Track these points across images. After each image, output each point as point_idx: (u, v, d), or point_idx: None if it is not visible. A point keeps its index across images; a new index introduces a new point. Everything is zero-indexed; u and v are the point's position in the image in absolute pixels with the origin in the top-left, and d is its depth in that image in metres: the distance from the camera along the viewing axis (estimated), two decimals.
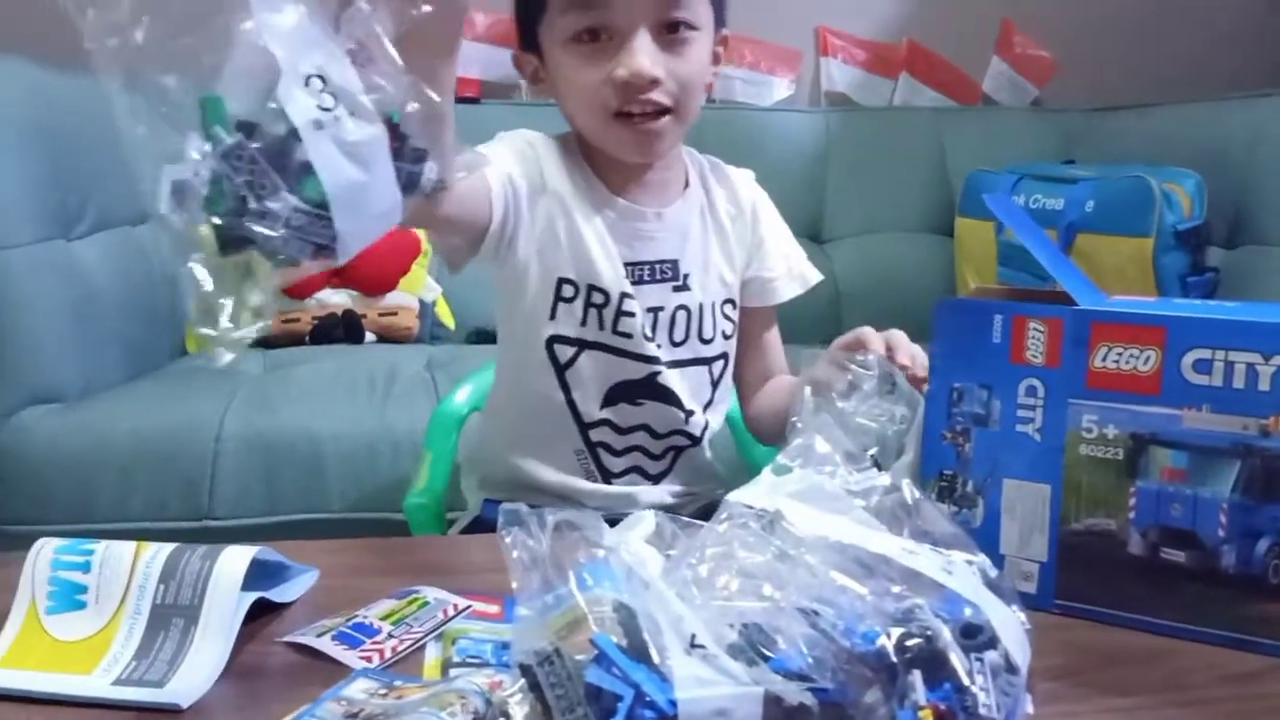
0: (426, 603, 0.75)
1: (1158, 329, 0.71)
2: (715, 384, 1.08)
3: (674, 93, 0.96)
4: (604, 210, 1.01)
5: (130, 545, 0.72)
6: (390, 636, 0.71)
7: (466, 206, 0.93)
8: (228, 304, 0.65)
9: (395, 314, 2.10)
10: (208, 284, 0.62)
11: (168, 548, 0.72)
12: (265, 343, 2.06)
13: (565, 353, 1.01)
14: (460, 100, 2.36)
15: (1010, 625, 0.54)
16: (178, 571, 0.70)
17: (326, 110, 0.59)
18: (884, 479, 0.63)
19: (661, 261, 1.03)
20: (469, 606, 0.75)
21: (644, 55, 0.93)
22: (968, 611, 0.54)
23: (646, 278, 1.02)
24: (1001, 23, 2.80)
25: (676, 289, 1.03)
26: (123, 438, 1.59)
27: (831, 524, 0.58)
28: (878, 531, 0.58)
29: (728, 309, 1.07)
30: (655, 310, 1.02)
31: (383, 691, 0.63)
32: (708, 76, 1.00)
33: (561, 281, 1.00)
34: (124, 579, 0.71)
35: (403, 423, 1.60)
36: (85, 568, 0.71)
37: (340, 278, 2.08)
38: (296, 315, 2.06)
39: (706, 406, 1.07)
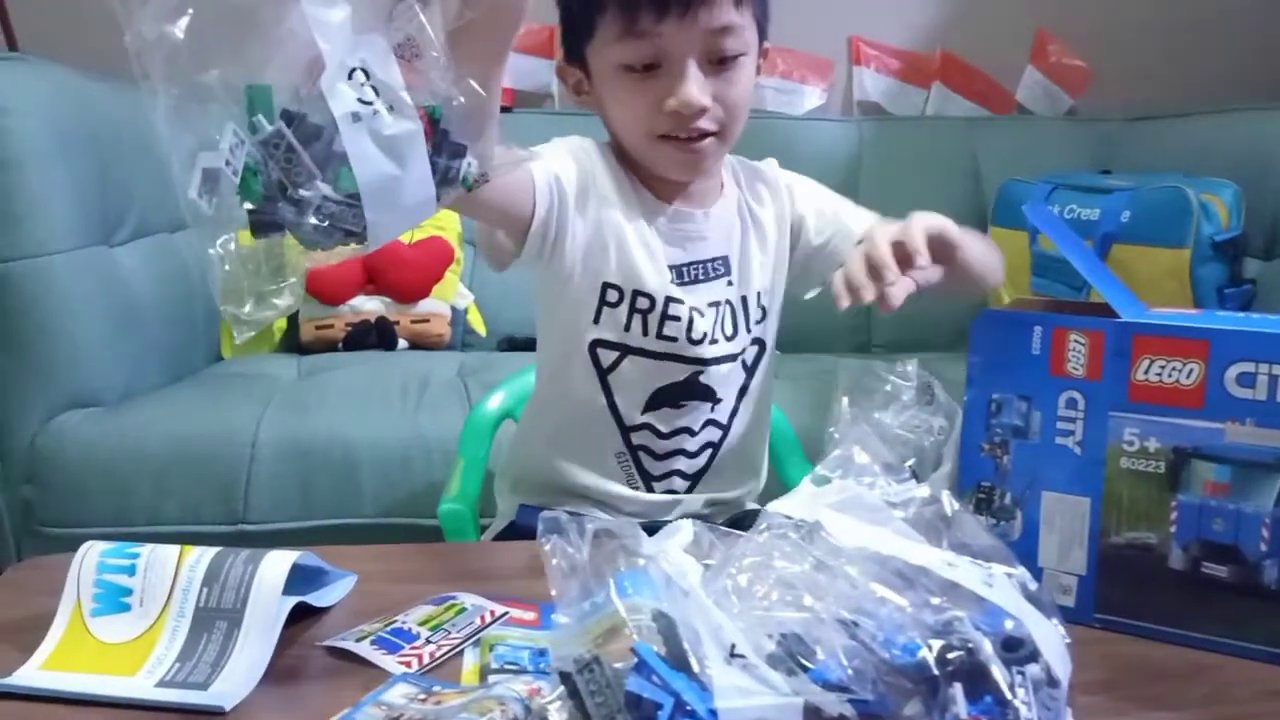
0: (464, 609, 0.76)
1: (1201, 342, 0.71)
2: (750, 370, 1.08)
3: (720, 117, 0.98)
4: (652, 215, 1.03)
5: (174, 549, 0.73)
6: (428, 642, 0.71)
7: (508, 196, 0.94)
8: (256, 285, 0.66)
9: (428, 321, 2.11)
10: (235, 265, 0.63)
11: (211, 551, 0.73)
12: (299, 349, 2.09)
13: (608, 357, 1.02)
14: None
15: (1051, 638, 0.54)
16: (221, 575, 0.71)
17: (366, 104, 0.60)
18: (923, 490, 0.63)
19: (714, 259, 1.05)
20: (506, 613, 0.76)
21: (694, 86, 0.95)
22: (1008, 624, 0.53)
23: (702, 276, 1.04)
24: (1036, 32, 2.78)
25: (730, 284, 1.05)
26: (160, 442, 1.61)
27: (871, 535, 0.58)
28: (917, 543, 0.58)
29: (763, 298, 1.08)
30: (715, 304, 1.04)
31: (422, 697, 0.63)
32: (752, 94, 1.01)
33: (606, 286, 1.01)
34: (168, 582, 0.72)
35: (435, 429, 1.61)
36: (130, 570, 0.72)
37: (374, 284, 2.09)
38: (330, 321, 2.08)
39: (741, 394, 1.08)
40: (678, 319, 1.01)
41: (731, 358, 1.05)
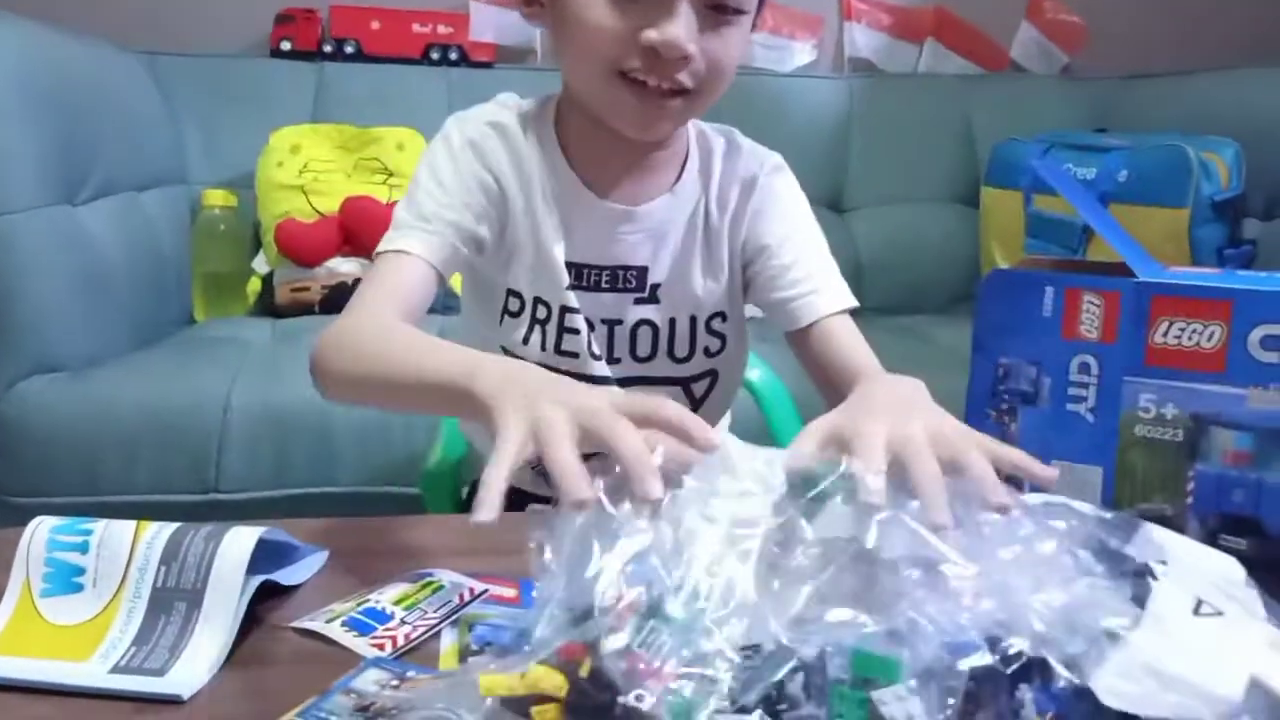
0: (441, 586, 0.71)
1: (1224, 303, 0.67)
2: (699, 403, 0.96)
3: (700, 74, 0.82)
4: (570, 204, 0.89)
5: (130, 525, 0.68)
6: (403, 623, 0.67)
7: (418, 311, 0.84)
8: None
9: None
10: None
11: (170, 527, 0.68)
12: (274, 312, 2.03)
13: None
14: (474, 65, 2.30)
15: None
16: (180, 552, 0.66)
17: None
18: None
19: (625, 268, 0.91)
20: (485, 590, 0.71)
21: (682, 25, 0.78)
22: None
23: (605, 284, 0.91)
24: None
25: (639, 301, 0.92)
26: (128, 409, 1.55)
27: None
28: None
29: (715, 323, 0.94)
30: (611, 323, 0.92)
31: (394, 683, 0.59)
32: (738, 61, 0.85)
33: (509, 293, 0.92)
34: (123, 560, 0.67)
35: None
36: (83, 548, 0.67)
37: (350, 246, 2.03)
38: (306, 284, 2.02)
39: None
40: (576, 332, 0.91)
41: (647, 381, 0.94)
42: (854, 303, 0.92)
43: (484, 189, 0.88)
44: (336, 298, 1.99)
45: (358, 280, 2.04)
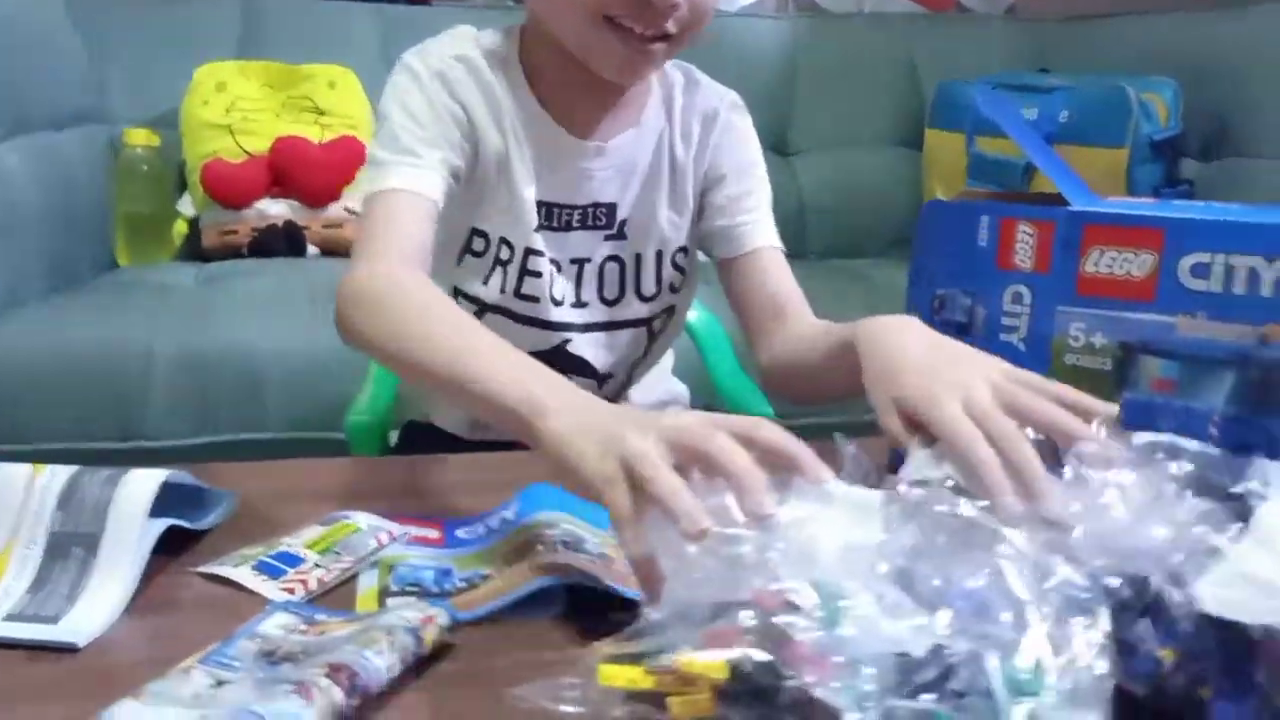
0: (358, 529, 0.69)
1: (1155, 231, 0.66)
2: (653, 338, 0.96)
3: (685, 20, 0.81)
4: (542, 143, 0.87)
5: (26, 468, 0.65)
6: (317, 566, 0.64)
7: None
8: None
9: (340, 226, 1.99)
10: None
11: (68, 470, 0.64)
12: (202, 256, 1.96)
13: (468, 309, 0.89)
14: (410, 2, 2.22)
15: None
16: (77, 496, 0.63)
17: None
18: None
19: (595, 205, 0.89)
20: (406, 533, 0.69)
21: None
22: None
23: (575, 224, 0.89)
24: None
25: (609, 237, 0.91)
26: (46, 354, 1.49)
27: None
28: None
29: (679, 258, 0.94)
30: (580, 262, 0.90)
31: (303, 627, 0.56)
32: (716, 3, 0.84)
33: (474, 232, 0.89)
34: (17, 504, 0.63)
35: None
36: None
37: (280, 187, 1.96)
38: (234, 227, 1.95)
39: (636, 364, 0.97)
40: (538, 274, 0.89)
41: (611, 326, 0.93)
42: (782, 248, 0.94)
43: (456, 122, 0.85)
44: (266, 241, 1.93)
45: (289, 223, 2.01)
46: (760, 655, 0.39)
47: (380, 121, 0.84)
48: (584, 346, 0.92)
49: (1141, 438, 0.56)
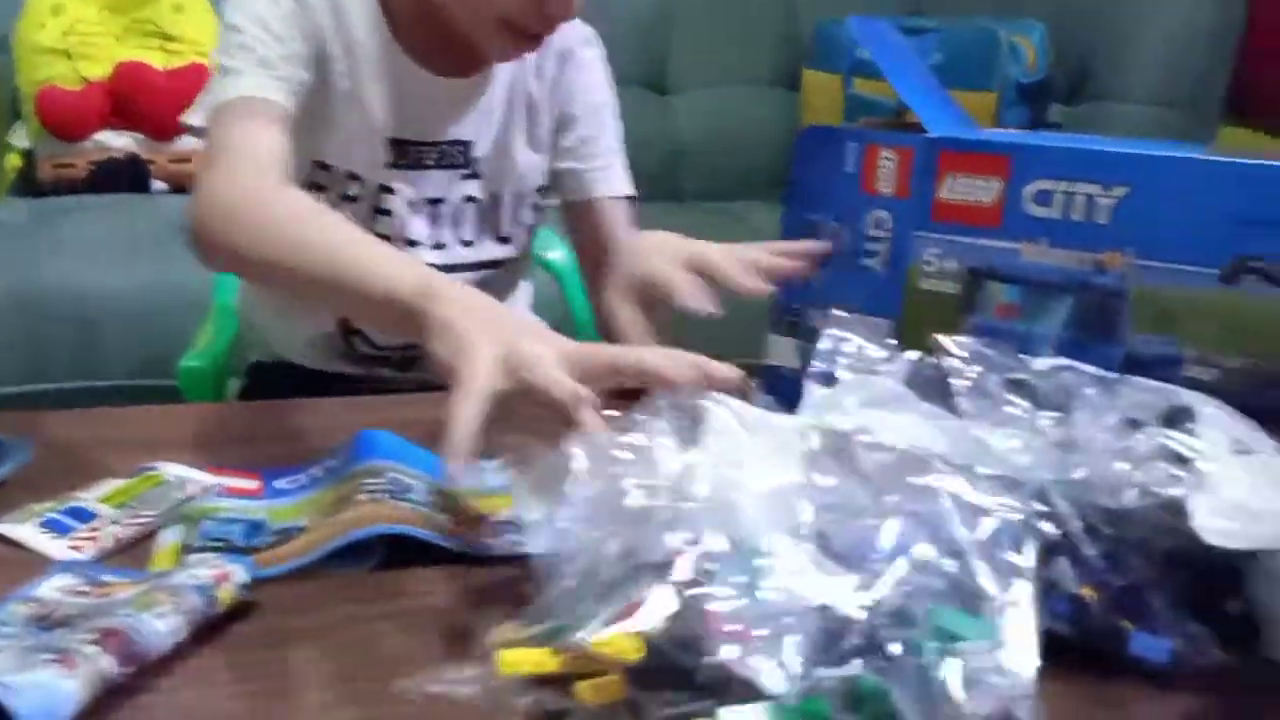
0: (164, 480, 0.63)
1: (1002, 158, 0.67)
2: (513, 281, 0.95)
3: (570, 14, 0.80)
4: (399, 80, 0.83)
5: None
6: (112, 522, 0.59)
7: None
8: None
9: (188, 160, 1.87)
10: None
11: None
12: (35, 190, 1.82)
13: None
14: None
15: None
16: None
17: None
18: (911, 354, 0.59)
19: (452, 144, 0.86)
20: (217, 484, 0.64)
21: None
22: None
23: (430, 162, 0.86)
24: None
25: (466, 176, 0.88)
26: None
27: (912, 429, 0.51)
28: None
29: (536, 198, 0.93)
30: (436, 202, 0.87)
31: (85, 589, 0.51)
32: None
33: (316, 165, 0.84)
34: None
35: (193, 281, 1.42)
36: None
37: (122, 117, 1.83)
38: (71, 160, 1.82)
39: None
40: (389, 214, 0.85)
41: (469, 267, 0.90)
42: (633, 194, 0.94)
43: (307, 40, 0.79)
44: (106, 175, 1.81)
45: (131, 157, 1.89)
46: (676, 630, 0.36)
47: (226, 32, 0.79)
48: None
49: (1044, 363, 0.57)
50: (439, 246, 0.88)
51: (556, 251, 1.21)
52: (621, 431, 0.46)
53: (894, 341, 0.62)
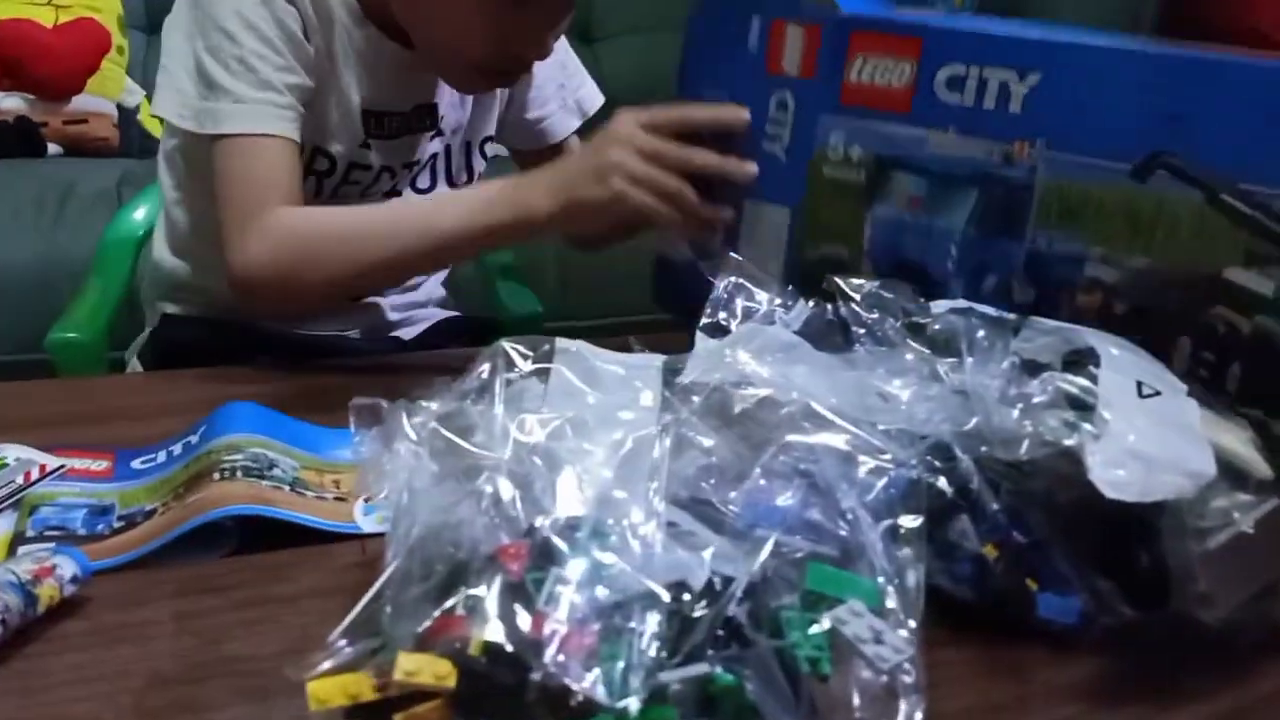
0: (3, 464, 0.58)
1: (914, 40, 0.63)
2: None
3: None
4: (371, 54, 0.80)
5: None
6: None
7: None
8: None
9: (85, 121, 1.77)
10: None
11: None
12: None
13: None
14: None
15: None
16: None
17: None
18: (804, 301, 0.57)
19: (420, 107, 0.85)
20: (62, 466, 0.58)
21: (552, 37, 0.78)
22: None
23: (401, 129, 0.84)
24: None
25: (433, 137, 0.87)
26: None
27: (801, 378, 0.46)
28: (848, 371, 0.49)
29: (486, 147, 0.92)
30: (411, 164, 0.86)
31: None
32: None
33: None
34: None
35: (79, 249, 1.33)
36: None
37: (10, 78, 1.72)
38: None
39: None
40: (356, 184, 0.84)
41: None
42: (599, 101, 0.95)
43: (298, 39, 0.76)
44: None
45: (21, 119, 1.78)
46: (498, 643, 0.31)
47: (216, 33, 0.74)
48: None
49: (939, 306, 0.54)
50: (394, 193, 0.87)
51: None
52: (458, 396, 0.41)
53: (790, 288, 0.58)
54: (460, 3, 0.74)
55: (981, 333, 0.47)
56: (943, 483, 0.43)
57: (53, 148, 1.76)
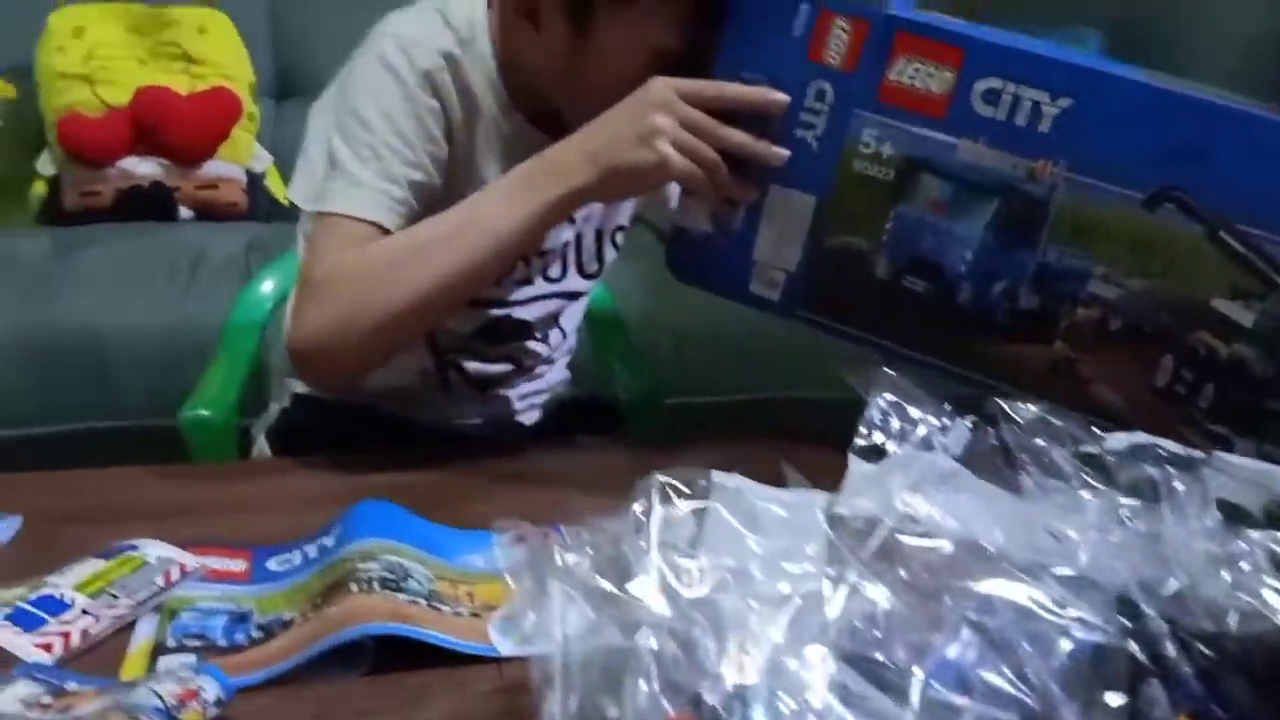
0: (145, 563, 0.58)
1: (956, 49, 0.66)
2: (582, 307, 0.95)
3: None
4: (515, 145, 0.79)
5: None
6: (85, 614, 0.54)
7: None
8: None
9: (215, 187, 1.84)
10: None
11: None
12: (59, 218, 1.79)
13: None
14: None
15: None
16: None
17: None
18: (964, 423, 0.53)
19: None
20: (202, 565, 0.59)
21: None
22: None
23: None
24: None
25: (567, 224, 0.85)
26: None
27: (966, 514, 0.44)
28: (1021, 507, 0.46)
29: (618, 236, 0.91)
30: (544, 253, 0.85)
31: (47, 700, 0.46)
32: None
33: None
34: None
35: (209, 316, 1.37)
36: None
37: (146, 144, 1.80)
38: (95, 187, 1.78)
39: (558, 316, 0.92)
40: None
41: (548, 297, 0.89)
42: None
43: (435, 138, 0.77)
44: (133, 202, 1.77)
45: (156, 184, 1.86)
46: None
47: (350, 116, 0.76)
48: (523, 313, 0.88)
49: (1115, 439, 0.51)
50: (525, 283, 0.86)
51: None
52: (611, 538, 0.40)
53: (949, 407, 0.56)
54: (615, 66, 0.72)
55: (1173, 478, 0.44)
56: (1132, 645, 0.40)
57: (184, 212, 1.83)
